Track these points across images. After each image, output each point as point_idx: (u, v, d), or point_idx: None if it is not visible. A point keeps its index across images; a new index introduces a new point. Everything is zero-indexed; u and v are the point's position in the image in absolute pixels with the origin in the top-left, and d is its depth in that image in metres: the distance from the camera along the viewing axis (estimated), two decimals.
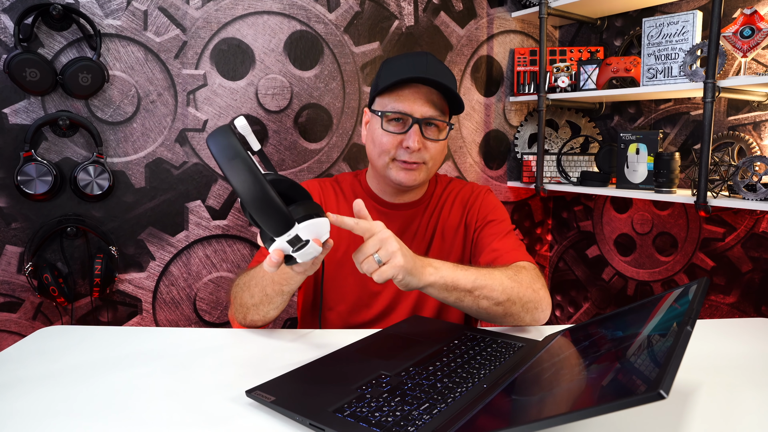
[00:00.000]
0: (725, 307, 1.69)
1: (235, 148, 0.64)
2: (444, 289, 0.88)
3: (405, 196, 1.16)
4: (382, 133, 1.06)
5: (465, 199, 1.19)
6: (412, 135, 1.03)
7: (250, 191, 0.63)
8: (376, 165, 1.10)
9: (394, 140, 1.05)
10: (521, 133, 2.17)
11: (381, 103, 1.07)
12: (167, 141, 1.67)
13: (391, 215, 1.16)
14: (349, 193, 1.18)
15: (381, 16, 1.89)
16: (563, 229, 2.25)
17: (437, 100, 1.06)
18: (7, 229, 1.53)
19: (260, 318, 0.97)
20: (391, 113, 1.04)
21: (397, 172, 1.07)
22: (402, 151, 1.05)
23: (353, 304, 1.12)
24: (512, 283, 0.93)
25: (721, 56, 1.45)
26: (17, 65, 1.41)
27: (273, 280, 0.90)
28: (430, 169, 1.09)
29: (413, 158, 1.05)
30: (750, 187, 1.45)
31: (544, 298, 0.97)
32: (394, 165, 1.07)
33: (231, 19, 1.70)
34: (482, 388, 0.68)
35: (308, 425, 0.60)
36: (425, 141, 1.05)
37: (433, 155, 1.07)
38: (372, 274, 0.79)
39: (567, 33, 2.17)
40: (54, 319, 1.60)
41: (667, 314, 0.64)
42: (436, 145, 1.07)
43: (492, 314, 0.93)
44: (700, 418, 0.64)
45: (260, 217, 0.66)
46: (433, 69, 1.04)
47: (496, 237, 1.10)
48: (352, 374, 0.72)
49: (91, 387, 0.72)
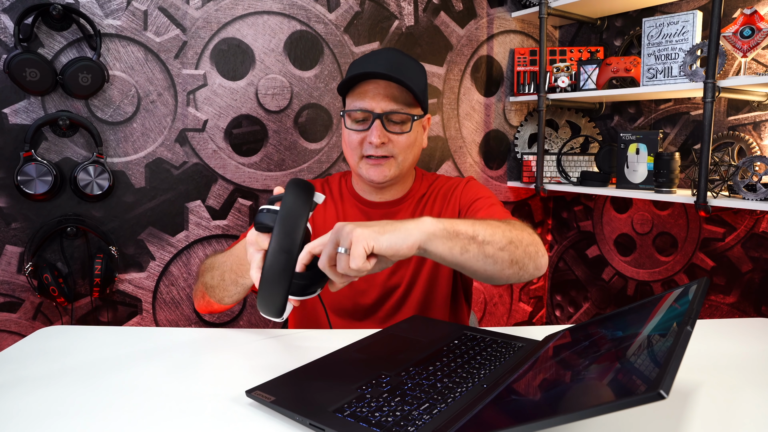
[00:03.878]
0: (725, 307, 1.69)
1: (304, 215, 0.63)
2: (447, 237, 0.77)
3: (386, 194, 1.16)
4: (348, 132, 1.08)
5: (445, 192, 1.18)
6: (373, 130, 1.04)
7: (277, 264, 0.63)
8: (351, 164, 1.12)
9: (359, 137, 1.07)
10: (521, 133, 2.17)
11: (347, 103, 1.10)
12: (167, 141, 1.67)
13: (374, 214, 1.16)
14: (336, 194, 1.19)
15: (381, 16, 1.89)
16: (563, 229, 2.25)
17: (399, 93, 1.05)
18: (7, 229, 1.53)
19: (216, 301, 1.00)
20: (352, 111, 1.06)
21: (367, 169, 1.08)
22: (367, 146, 1.07)
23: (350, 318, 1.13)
24: (509, 227, 0.88)
25: (721, 56, 1.45)
26: (17, 65, 1.41)
27: (231, 268, 0.93)
28: (401, 163, 1.09)
29: (379, 152, 1.06)
30: (750, 187, 1.45)
31: (540, 242, 0.94)
32: (364, 163, 1.09)
33: (231, 19, 1.70)
34: (482, 388, 0.68)
35: (308, 425, 0.60)
36: (389, 135, 1.06)
37: (402, 149, 1.07)
38: (347, 270, 0.67)
39: (567, 33, 2.17)
40: (54, 319, 1.60)
41: (667, 314, 0.64)
42: (403, 138, 1.07)
43: (499, 262, 0.85)
44: (700, 418, 0.64)
45: (263, 292, 0.65)
46: (389, 63, 1.04)
47: (483, 208, 1.07)
48: (352, 374, 0.72)
49: (91, 387, 0.72)
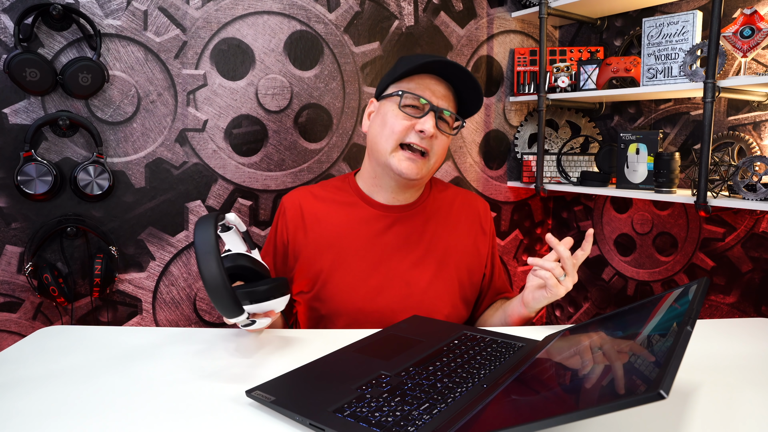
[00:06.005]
0: (725, 307, 1.69)
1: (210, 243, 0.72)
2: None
3: (399, 197, 1.14)
4: (396, 114, 1.05)
5: (463, 206, 1.20)
6: (428, 119, 1.02)
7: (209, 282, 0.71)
8: (379, 151, 1.07)
9: (408, 122, 1.04)
10: (521, 133, 2.17)
11: (398, 87, 1.07)
12: (167, 141, 1.67)
13: (383, 217, 1.13)
14: (341, 196, 1.16)
15: (381, 16, 1.89)
16: (563, 229, 2.25)
17: (453, 96, 1.08)
18: (7, 229, 1.53)
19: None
20: (411, 95, 1.04)
21: (400, 161, 1.05)
22: (414, 134, 1.04)
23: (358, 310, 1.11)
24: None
25: (721, 56, 1.45)
26: (17, 65, 1.41)
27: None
28: (432, 166, 1.09)
29: (423, 144, 1.04)
30: (750, 187, 1.45)
31: None
32: (399, 153, 1.05)
33: (231, 19, 1.70)
34: (482, 388, 0.68)
35: (308, 425, 0.60)
36: (437, 131, 1.05)
37: (437, 150, 1.07)
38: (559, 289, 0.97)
39: (567, 33, 2.17)
40: (54, 319, 1.60)
41: (667, 314, 0.64)
42: (443, 139, 1.07)
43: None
44: (700, 418, 0.64)
45: (216, 305, 0.74)
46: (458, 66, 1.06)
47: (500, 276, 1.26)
48: (352, 374, 0.72)
49: (91, 387, 0.72)
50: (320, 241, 1.12)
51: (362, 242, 1.11)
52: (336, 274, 1.10)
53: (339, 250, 1.11)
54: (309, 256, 1.12)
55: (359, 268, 1.10)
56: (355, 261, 1.10)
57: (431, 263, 1.13)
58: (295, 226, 1.14)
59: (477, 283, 1.20)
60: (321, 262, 1.11)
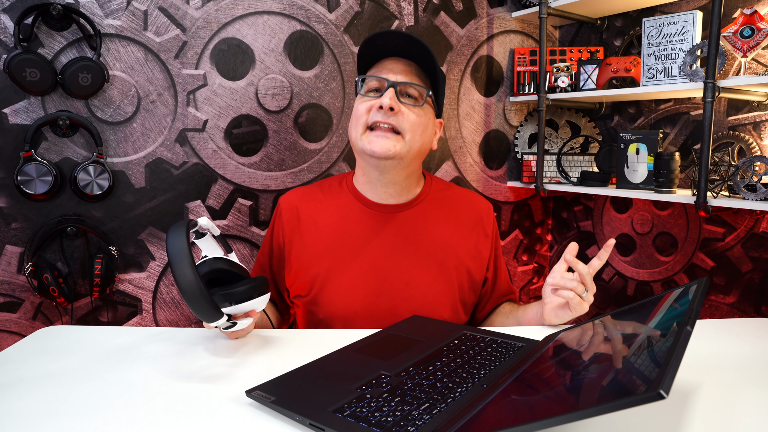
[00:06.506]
0: (725, 307, 1.69)
1: (183, 250, 0.73)
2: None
3: (391, 191, 1.11)
4: (361, 101, 1.06)
5: (464, 205, 1.19)
6: (386, 94, 1.02)
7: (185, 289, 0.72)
8: (353, 141, 1.08)
9: (369, 105, 1.04)
10: (521, 133, 2.17)
11: (360, 78, 1.10)
12: (167, 141, 1.67)
13: (378, 217, 1.12)
14: (336, 194, 1.15)
15: (381, 16, 1.89)
16: (563, 229, 2.25)
17: (415, 71, 1.07)
18: (7, 229, 1.53)
19: None
20: (371, 77, 1.06)
21: (370, 141, 1.03)
22: (375, 112, 1.03)
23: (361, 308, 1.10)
24: None
25: (721, 56, 1.45)
26: (17, 65, 1.41)
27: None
28: (409, 142, 1.04)
29: (389, 119, 1.02)
30: (750, 187, 1.45)
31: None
32: (367, 134, 1.04)
33: (231, 19, 1.70)
34: (482, 388, 0.68)
35: (308, 425, 0.60)
36: (401, 105, 1.03)
37: (411, 125, 1.04)
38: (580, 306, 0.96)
39: (567, 33, 2.17)
40: (54, 319, 1.60)
41: (667, 314, 0.64)
42: (413, 114, 1.04)
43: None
44: (700, 418, 0.64)
45: (193, 310, 0.74)
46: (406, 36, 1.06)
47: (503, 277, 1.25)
48: (352, 374, 0.72)
49: (91, 387, 0.72)
50: (317, 244, 1.11)
51: (359, 244, 1.10)
52: (333, 277, 1.09)
53: (336, 253, 1.10)
54: (305, 260, 1.11)
55: (356, 270, 1.09)
56: (352, 264, 1.09)
57: (431, 264, 1.11)
58: (292, 229, 1.14)
59: (477, 286, 1.18)
60: (318, 266, 1.10)
